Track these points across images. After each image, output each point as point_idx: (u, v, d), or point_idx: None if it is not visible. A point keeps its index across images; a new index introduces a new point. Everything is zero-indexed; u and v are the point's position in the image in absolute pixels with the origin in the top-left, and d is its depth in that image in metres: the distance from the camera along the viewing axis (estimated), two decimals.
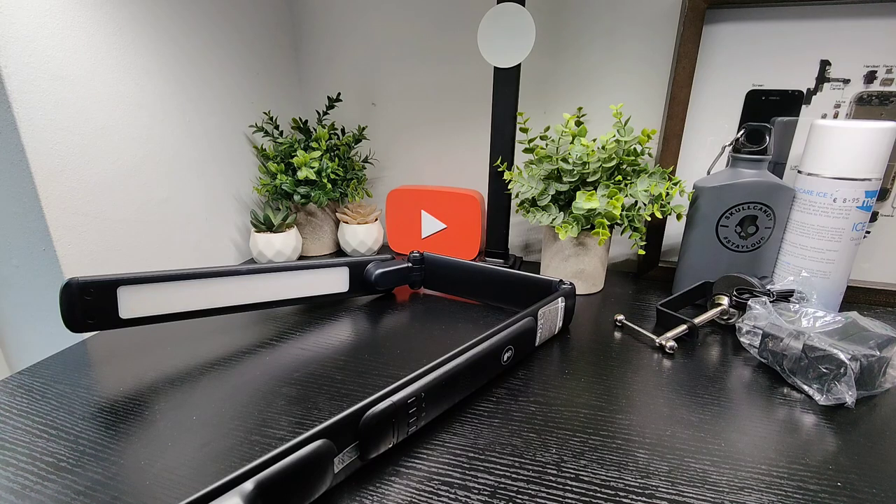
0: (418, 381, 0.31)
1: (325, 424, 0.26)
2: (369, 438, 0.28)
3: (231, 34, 0.67)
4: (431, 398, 0.32)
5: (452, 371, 0.33)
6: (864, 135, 0.49)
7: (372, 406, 0.28)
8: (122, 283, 0.41)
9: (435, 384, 0.32)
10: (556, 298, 0.40)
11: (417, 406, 0.30)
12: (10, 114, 0.42)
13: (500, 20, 0.56)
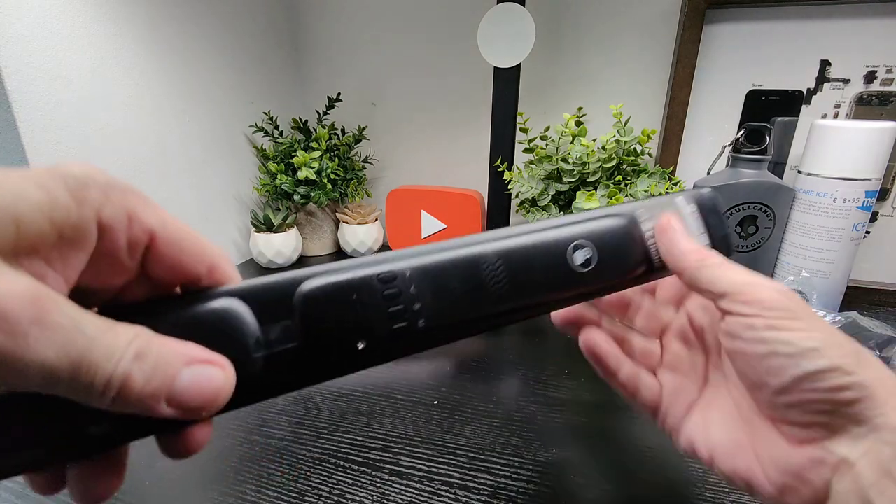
0: (405, 258, 0.19)
1: (244, 283, 0.18)
2: (313, 316, 0.18)
3: (231, 34, 0.67)
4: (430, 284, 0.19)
5: (471, 253, 0.20)
6: (864, 135, 0.49)
7: (324, 272, 0.18)
8: None
9: (435, 266, 0.19)
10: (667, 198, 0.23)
11: (402, 289, 0.19)
12: (10, 113, 0.42)
13: (500, 20, 0.56)
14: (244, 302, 0.17)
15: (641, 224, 0.22)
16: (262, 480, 0.31)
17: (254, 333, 0.17)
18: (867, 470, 0.17)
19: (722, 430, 0.21)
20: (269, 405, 0.39)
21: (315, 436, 0.35)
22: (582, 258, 0.21)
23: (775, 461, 0.19)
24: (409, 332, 0.19)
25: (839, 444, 0.18)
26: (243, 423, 0.37)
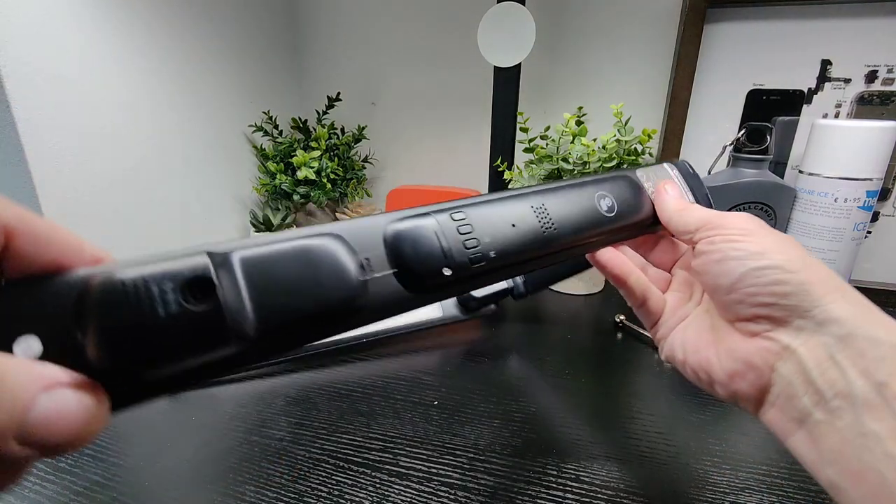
0: (468, 203, 0.22)
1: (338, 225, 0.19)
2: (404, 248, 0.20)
3: (230, 34, 0.67)
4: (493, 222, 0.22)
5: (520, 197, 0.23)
6: (865, 134, 0.48)
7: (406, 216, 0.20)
8: None
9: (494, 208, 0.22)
10: (658, 165, 0.29)
11: (473, 224, 0.22)
12: (9, 113, 0.42)
13: (500, 20, 0.56)
14: (339, 239, 0.18)
15: (642, 182, 0.28)
16: (262, 481, 0.31)
17: (356, 261, 0.18)
18: (809, 354, 0.19)
19: (693, 335, 0.25)
20: (269, 405, 0.39)
21: (314, 436, 0.35)
22: (606, 206, 0.25)
23: (729, 351, 0.22)
24: (484, 260, 0.21)
25: (783, 333, 0.20)
26: (242, 423, 0.37)
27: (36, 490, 0.30)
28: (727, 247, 0.22)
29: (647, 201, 0.27)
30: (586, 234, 0.25)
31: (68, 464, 0.32)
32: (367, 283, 0.18)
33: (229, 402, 0.39)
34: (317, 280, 0.17)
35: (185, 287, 0.14)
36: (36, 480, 0.31)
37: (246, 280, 0.16)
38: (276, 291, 0.16)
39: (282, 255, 0.17)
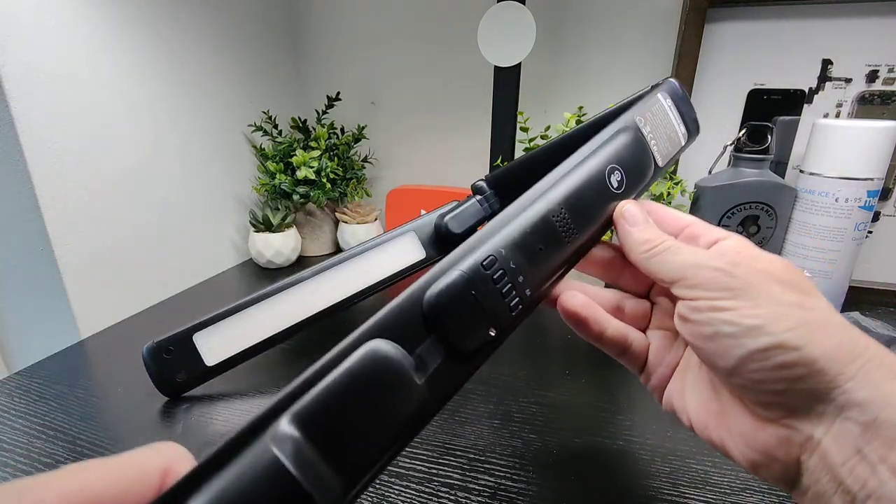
0: (492, 238, 0.20)
1: (371, 321, 0.18)
2: (448, 325, 0.19)
3: (230, 33, 0.67)
4: (522, 253, 0.21)
5: (541, 211, 0.22)
6: (866, 134, 0.48)
7: (433, 282, 0.19)
8: (196, 329, 0.39)
9: (520, 235, 0.21)
10: (652, 97, 0.26)
11: (505, 268, 0.20)
12: (9, 113, 0.42)
13: (500, 19, 0.56)
14: (385, 339, 0.18)
15: (643, 130, 0.25)
16: None
17: (410, 363, 0.18)
18: (834, 448, 0.17)
19: (696, 399, 0.22)
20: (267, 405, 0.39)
21: None
22: (616, 181, 0.24)
23: (744, 438, 0.19)
24: (523, 303, 0.21)
25: (803, 421, 0.17)
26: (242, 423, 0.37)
27: None
28: (716, 318, 0.18)
29: (650, 152, 0.25)
30: (601, 222, 0.24)
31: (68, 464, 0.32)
32: (427, 382, 0.18)
33: (229, 403, 0.39)
34: (383, 407, 0.17)
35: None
36: None
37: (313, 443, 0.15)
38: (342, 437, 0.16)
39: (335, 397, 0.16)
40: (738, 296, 0.18)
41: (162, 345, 0.38)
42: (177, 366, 0.39)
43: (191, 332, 0.39)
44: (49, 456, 0.33)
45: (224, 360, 0.40)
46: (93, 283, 0.50)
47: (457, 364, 0.19)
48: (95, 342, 0.49)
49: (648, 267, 0.21)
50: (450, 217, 0.42)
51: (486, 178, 0.41)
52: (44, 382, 0.42)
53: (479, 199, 0.42)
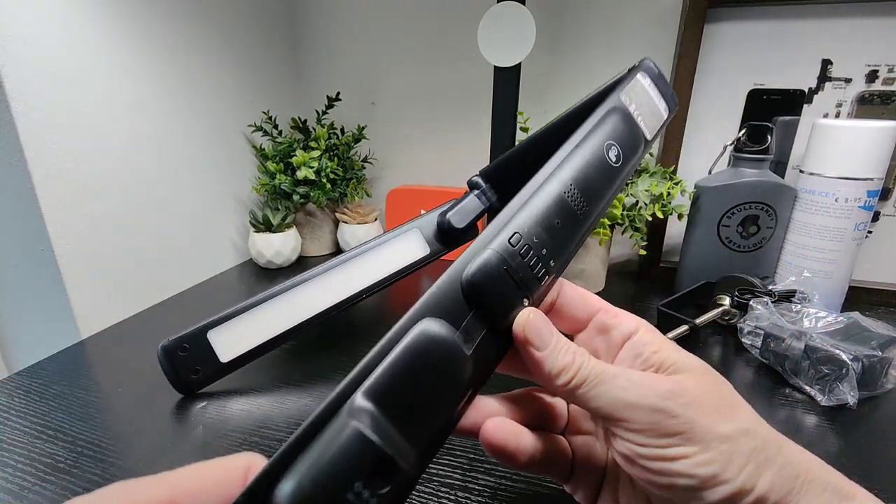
0: (514, 218, 0.22)
1: (419, 301, 0.20)
2: (487, 299, 0.20)
3: (230, 33, 0.67)
4: (543, 229, 0.22)
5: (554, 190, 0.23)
6: (865, 134, 0.48)
7: (468, 262, 0.21)
8: (210, 326, 0.40)
9: (539, 213, 0.22)
10: (632, 77, 0.29)
11: (529, 243, 0.22)
12: (9, 113, 0.42)
13: (500, 19, 0.56)
14: (433, 318, 0.19)
15: (629, 108, 0.27)
16: None
17: (458, 337, 0.19)
18: None
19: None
20: (268, 405, 0.39)
21: None
22: (614, 156, 0.25)
23: None
24: (549, 273, 0.22)
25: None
26: (242, 424, 0.37)
27: (35, 490, 0.30)
28: (669, 469, 0.17)
29: (640, 130, 0.27)
30: (607, 196, 0.25)
31: (67, 464, 0.32)
32: (474, 353, 0.20)
33: (229, 402, 0.39)
34: (439, 377, 0.19)
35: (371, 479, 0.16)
36: (35, 481, 0.31)
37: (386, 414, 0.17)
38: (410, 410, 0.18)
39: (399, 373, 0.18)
40: (686, 441, 0.17)
41: (178, 342, 0.39)
42: (192, 363, 0.39)
43: (205, 330, 0.39)
44: (49, 456, 0.33)
45: (238, 357, 0.40)
46: (93, 283, 0.50)
47: (498, 335, 0.21)
48: (95, 342, 0.49)
49: (576, 401, 0.19)
50: (451, 213, 0.44)
51: (481, 173, 0.43)
52: (44, 382, 0.42)
53: (476, 193, 0.44)
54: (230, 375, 0.40)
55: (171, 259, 0.61)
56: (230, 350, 0.40)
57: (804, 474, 0.17)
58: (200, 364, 0.40)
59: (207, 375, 0.40)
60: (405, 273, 0.46)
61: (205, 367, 0.40)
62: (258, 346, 0.41)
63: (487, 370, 0.21)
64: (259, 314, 0.41)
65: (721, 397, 0.19)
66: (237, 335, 0.40)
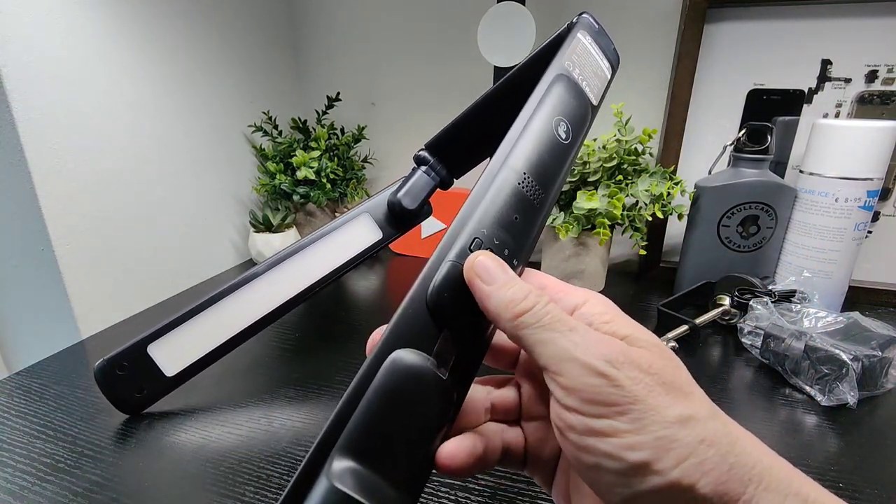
0: (469, 221, 0.21)
1: (386, 331, 0.19)
2: (455, 316, 0.19)
3: (230, 34, 0.67)
4: (501, 227, 0.21)
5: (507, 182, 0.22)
6: (865, 134, 0.48)
7: (430, 279, 0.19)
8: (149, 340, 0.37)
9: (495, 211, 0.21)
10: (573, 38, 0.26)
11: (490, 245, 0.20)
12: (9, 113, 0.42)
13: (500, 19, 0.56)
14: (403, 349, 0.18)
15: (573, 74, 0.25)
16: (262, 482, 0.31)
17: (432, 363, 0.18)
18: None
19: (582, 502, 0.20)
20: (270, 406, 0.39)
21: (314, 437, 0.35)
22: (563, 132, 0.24)
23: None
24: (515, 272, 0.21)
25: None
26: (242, 424, 0.37)
27: (35, 491, 0.30)
28: (596, 447, 0.16)
29: (586, 97, 0.25)
30: (560, 176, 0.24)
31: (67, 464, 0.32)
32: (451, 374, 0.19)
33: (227, 402, 0.39)
34: (419, 410, 0.18)
35: None
36: (35, 481, 0.31)
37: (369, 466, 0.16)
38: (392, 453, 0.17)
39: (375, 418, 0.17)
40: (620, 413, 0.16)
41: (114, 360, 0.36)
42: (134, 381, 0.37)
43: (144, 344, 0.37)
44: (49, 456, 0.33)
45: (185, 369, 0.38)
46: (93, 283, 0.50)
47: (472, 348, 0.20)
48: (95, 342, 0.49)
49: (519, 339, 0.18)
50: (402, 194, 0.42)
51: (426, 146, 0.41)
52: (44, 382, 0.42)
53: (424, 169, 0.42)
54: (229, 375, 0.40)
55: (171, 259, 0.61)
56: (175, 363, 0.38)
57: (760, 478, 0.15)
58: (144, 381, 0.37)
59: (154, 392, 0.38)
60: (358, 261, 0.43)
61: (150, 385, 0.37)
62: (207, 355, 0.38)
63: (466, 386, 0.20)
64: (203, 321, 0.38)
65: (675, 380, 0.17)
66: (182, 346, 0.38)
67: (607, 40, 0.28)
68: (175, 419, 0.37)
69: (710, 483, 0.15)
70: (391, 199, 0.43)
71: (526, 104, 0.24)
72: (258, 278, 0.40)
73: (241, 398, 0.40)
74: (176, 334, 0.37)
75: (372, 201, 0.43)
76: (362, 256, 0.43)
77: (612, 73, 0.28)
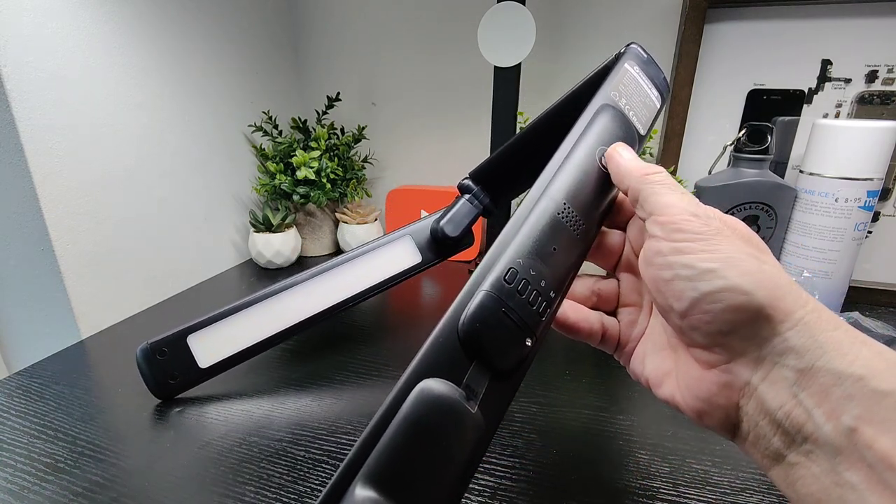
0: (507, 250, 0.20)
1: (415, 359, 0.18)
2: (487, 348, 0.19)
3: (230, 34, 0.67)
4: (538, 258, 0.21)
5: (547, 212, 0.22)
6: (865, 134, 0.48)
7: (463, 308, 0.19)
8: (190, 331, 0.39)
9: (533, 241, 0.21)
10: (620, 67, 0.26)
11: (527, 277, 0.20)
12: (9, 113, 0.42)
13: (500, 19, 0.56)
14: (433, 378, 0.18)
15: (619, 104, 0.25)
16: (262, 482, 0.31)
17: (461, 395, 0.18)
18: (770, 393, 0.17)
19: (654, 362, 0.23)
20: (270, 406, 0.39)
21: (314, 437, 0.35)
22: (605, 161, 0.24)
23: (690, 387, 0.20)
24: (550, 306, 0.21)
25: (742, 366, 0.18)
26: (242, 424, 0.37)
27: (35, 490, 0.30)
28: (676, 260, 0.19)
29: (633, 125, 0.25)
30: (602, 208, 0.24)
31: (67, 464, 0.32)
32: (480, 408, 0.18)
33: (229, 402, 0.39)
34: (446, 443, 0.17)
35: None
36: (35, 481, 0.31)
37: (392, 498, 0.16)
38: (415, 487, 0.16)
39: (400, 448, 0.17)
40: (702, 240, 0.19)
41: (156, 346, 0.38)
42: (170, 368, 0.39)
43: (185, 334, 0.39)
44: (49, 456, 0.33)
45: (218, 363, 0.39)
46: (93, 283, 0.50)
47: (503, 381, 0.19)
48: (95, 342, 0.49)
49: (640, 191, 0.21)
50: (444, 222, 0.42)
51: (470, 175, 0.41)
52: (44, 382, 0.42)
53: (468, 197, 0.42)
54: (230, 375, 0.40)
55: (171, 259, 0.61)
56: (210, 356, 0.39)
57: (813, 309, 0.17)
58: (178, 369, 0.39)
59: (185, 381, 0.39)
60: (395, 281, 0.44)
61: (183, 373, 0.39)
62: (239, 353, 0.40)
63: (496, 420, 0.19)
64: (242, 319, 0.40)
65: (755, 240, 0.20)
66: (218, 340, 0.39)
67: (657, 70, 0.28)
68: (176, 420, 0.37)
69: (765, 295, 0.17)
70: (434, 227, 0.43)
71: (569, 133, 0.24)
72: (298, 286, 0.41)
73: (242, 398, 0.40)
74: (215, 328, 0.39)
75: (417, 225, 0.44)
76: (399, 278, 0.44)
77: (661, 102, 0.28)
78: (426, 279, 0.65)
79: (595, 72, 0.27)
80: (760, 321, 0.17)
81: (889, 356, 0.16)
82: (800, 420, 0.17)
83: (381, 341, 0.49)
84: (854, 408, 0.15)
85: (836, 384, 0.16)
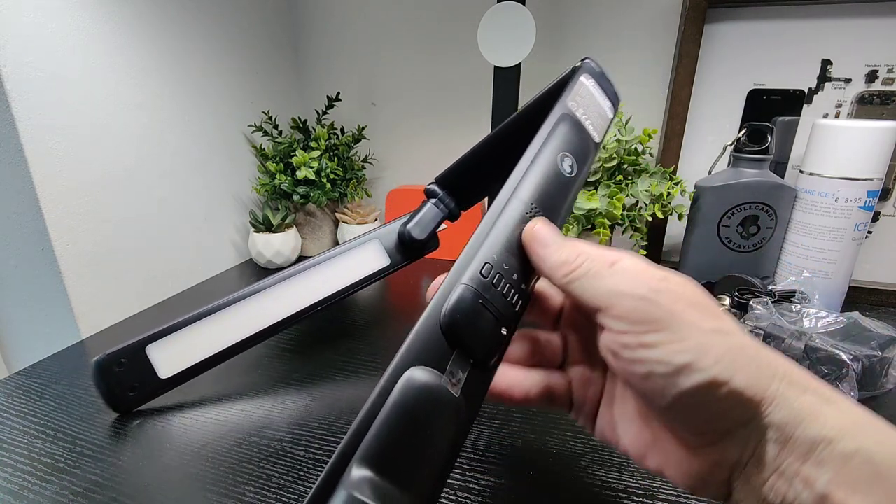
0: (481, 247, 0.22)
1: (401, 350, 0.20)
2: (467, 337, 0.20)
3: (230, 34, 0.67)
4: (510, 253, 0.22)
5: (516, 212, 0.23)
6: (865, 134, 0.48)
7: (444, 301, 0.21)
8: (148, 341, 0.37)
9: (504, 238, 0.22)
10: (576, 81, 0.28)
11: (500, 271, 0.22)
12: (9, 113, 0.42)
13: (500, 19, 0.56)
14: (417, 366, 0.19)
15: (577, 114, 0.27)
16: (261, 482, 0.31)
17: (445, 381, 0.20)
18: (756, 470, 0.18)
19: (629, 431, 0.22)
20: (268, 406, 0.39)
21: (314, 437, 0.35)
22: (568, 166, 0.25)
23: (679, 464, 0.20)
24: (523, 297, 0.23)
25: (730, 447, 0.18)
26: (241, 424, 0.37)
27: (35, 490, 0.30)
28: (647, 357, 0.18)
29: (589, 135, 0.27)
30: (565, 207, 0.25)
31: (67, 464, 0.32)
32: (462, 392, 0.20)
33: (229, 402, 0.39)
34: (433, 426, 0.19)
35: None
36: (35, 481, 0.31)
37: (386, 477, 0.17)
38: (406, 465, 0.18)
39: (391, 432, 0.18)
40: (664, 328, 0.18)
41: (113, 357, 0.36)
42: (129, 379, 0.37)
43: (143, 344, 0.37)
44: (49, 456, 0.33)
45: (179, 373, 0.38)
46: (93, 283, 0.50)
47: (482, 368, 0.21)
48: (95, 342, 0.49)
49: (571, 291, 0.21)
50: (411, 225, 0.44)
51: (436, 180, 0.42)
52: (44, 382, 0.42)
53: (433, 201, 0.43)
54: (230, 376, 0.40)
55: (171, 259, 0.61)
56: (171, 366, 0.38)
57: (783, 376, 0.18)
58: (137, 380, 0.37)
59: (145, 392, 0.38)
60: (363, 284, 0.45)
61: (142, 384, 0.37)
62: (202, 362, 0.38)
63: (477, 404, 0.21)
64: (204, 327, 0.38)
65: (706, 304, 0.19)
66: (179, 350, 0.38)
67: (609, 84, 0.30)
68: (176, 419, 0.37)
69: (743, 379, 0.17)
70: (401, 230, 0.44)
71: (533, 141, 0.25)
72: (263, 292, 0.41)
73: (242, 398, 0.40)
74: (176, 338, 0.38)
75: (384, 229, 0.45)
76: (368, 281, 0.45)
77: (613, 112, 0.30)
78: (426, 279, 0.65)
79: (553, 84, 0.29)
80: (742, 405, 0.18)
81: (853, 412, 0.17)
82: (782, 490, 0.17)
83: (381, 341, 0.49)
84: (825, 473, 0.16)
85: (811, 451, 0.17)
